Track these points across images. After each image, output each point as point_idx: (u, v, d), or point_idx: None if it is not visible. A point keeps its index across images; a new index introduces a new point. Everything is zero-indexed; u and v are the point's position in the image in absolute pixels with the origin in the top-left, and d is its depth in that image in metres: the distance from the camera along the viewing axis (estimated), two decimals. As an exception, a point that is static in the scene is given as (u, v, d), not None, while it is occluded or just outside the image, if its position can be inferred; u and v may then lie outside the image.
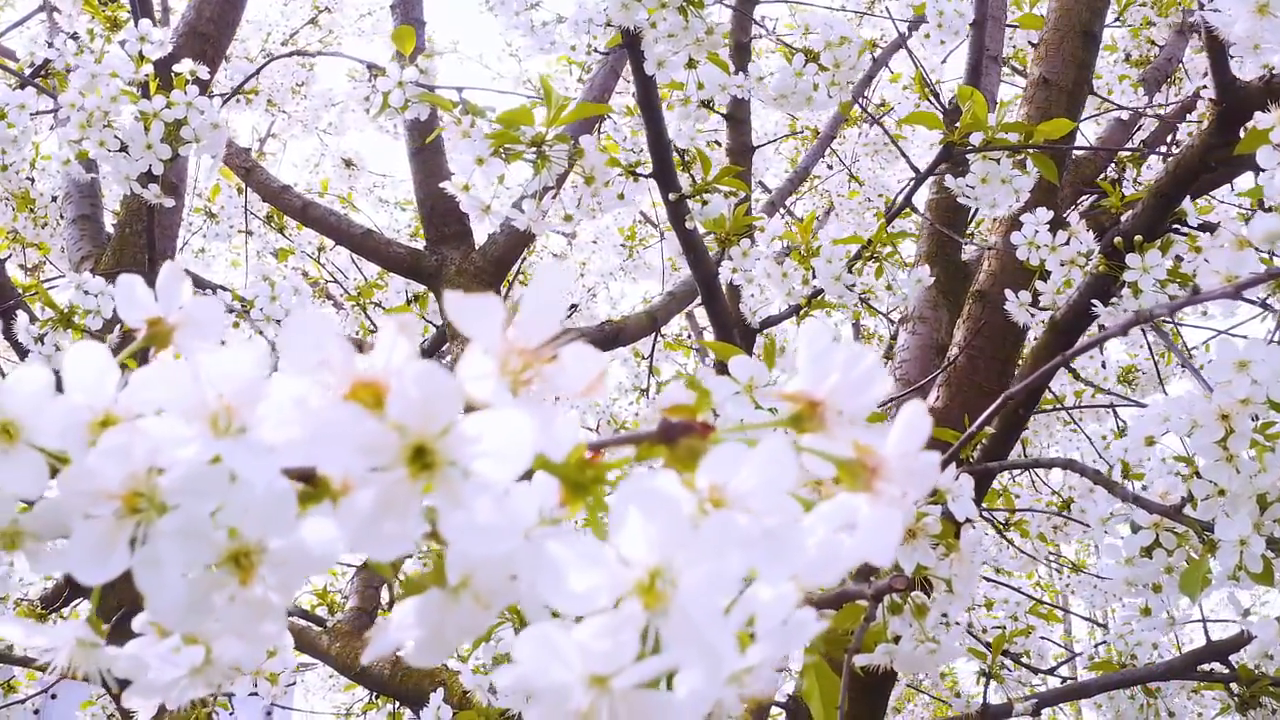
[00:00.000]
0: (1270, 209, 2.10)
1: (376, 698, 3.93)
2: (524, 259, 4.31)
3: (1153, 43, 3.10)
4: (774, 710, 2.34)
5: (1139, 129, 2.91)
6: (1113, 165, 2.75)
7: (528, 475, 0.36)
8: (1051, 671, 2.97)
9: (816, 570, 0.36)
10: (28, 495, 0.42)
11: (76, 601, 3.06)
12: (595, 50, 2.45)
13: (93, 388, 0.42)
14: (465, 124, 1.46)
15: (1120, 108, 2.62)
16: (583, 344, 0.35)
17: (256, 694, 1.44)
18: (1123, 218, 1.68)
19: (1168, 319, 2.28)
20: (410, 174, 3.40)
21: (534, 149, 1.47)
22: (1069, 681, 2.77)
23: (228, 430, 0.37)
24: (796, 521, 0.35)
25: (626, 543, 0.32)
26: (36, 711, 3.56)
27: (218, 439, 0.37)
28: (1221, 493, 1.25)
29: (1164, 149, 2.76)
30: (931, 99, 2.59)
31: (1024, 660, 2.72)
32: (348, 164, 5.08)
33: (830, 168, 4.81)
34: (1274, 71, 1.43)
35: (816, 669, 0.97)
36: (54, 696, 3.32)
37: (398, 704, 3.50)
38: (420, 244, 3.41)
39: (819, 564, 0.36)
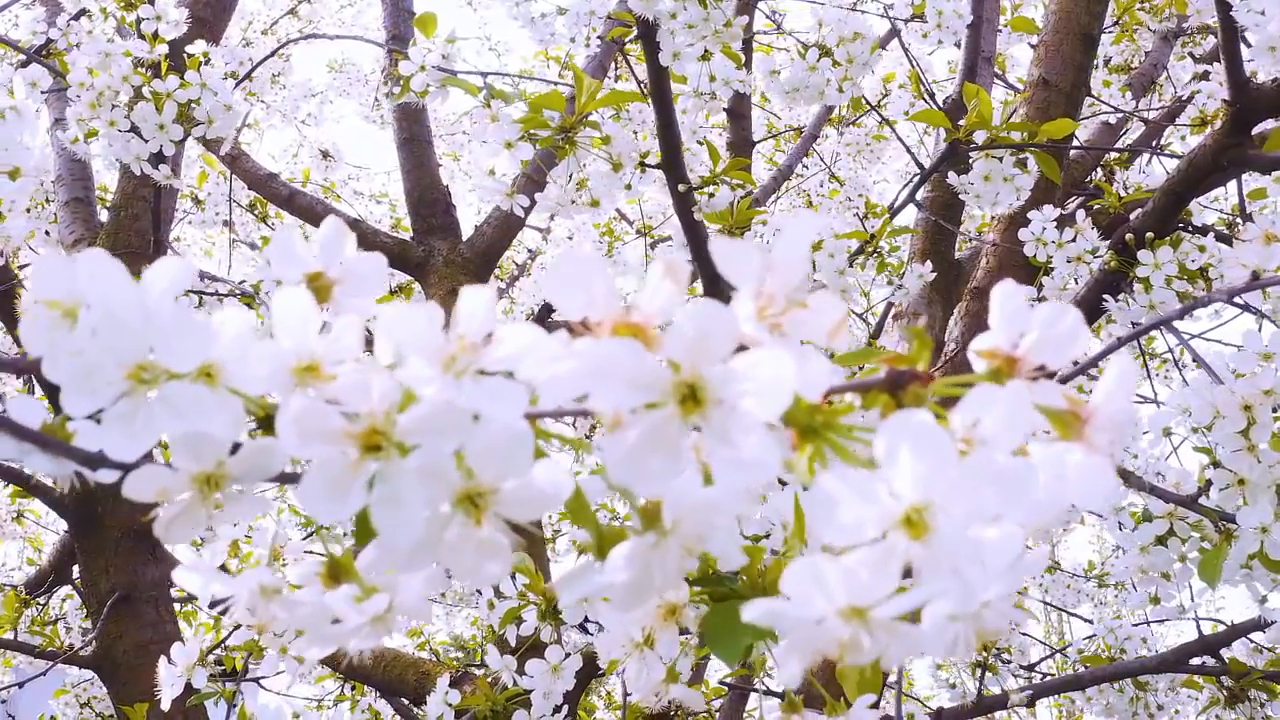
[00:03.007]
0: (1251, 215, 2.14)
1: (351, 690, 3.92)
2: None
3: (1136, 45, 3.15)
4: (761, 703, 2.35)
5: (1125, 132, 2.95)
6: (1099, 168, 2.79)
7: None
8: (1032, 668, 3.01)
9: (1041, 512, 0.37)
10: (225, 438, 0.42)
11: (58, 588, 3.05)
12: (602, 39, 2.45)
13: (298, 333, 0.42)
14: (495, 108, 1.46)
15: (1116, 110, 2.66)
16: (828, 293, 0.36)
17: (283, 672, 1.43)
18: (1132, 215, 1.71)
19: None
20: (398, 164, 3.39)
21: (562, 134, 1.48)
22: (1048, 677, 2.81)
23: (463, 372, 0.38)
24: (1031, 465, 0.36)
25: (897, 477, 0.33)
26: (3, 701, 3.53)
27: (456, 380, 0.37)
28: (1241, 482, 1.28)
29: (1149, 152, 2.80)
30: (927, 98, 2.62)
31: (1004, 656, 2.76)
32: (325, 155, 5.05)
33: (806, 167, 4.84)
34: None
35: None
36: (20, 686, 3.30)
37: (377, 694, 3.49)
38: (404, 235, 3.41)
39: (1044, 506, 0.37)
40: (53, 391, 0.42)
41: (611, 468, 0.34)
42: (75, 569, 2.93)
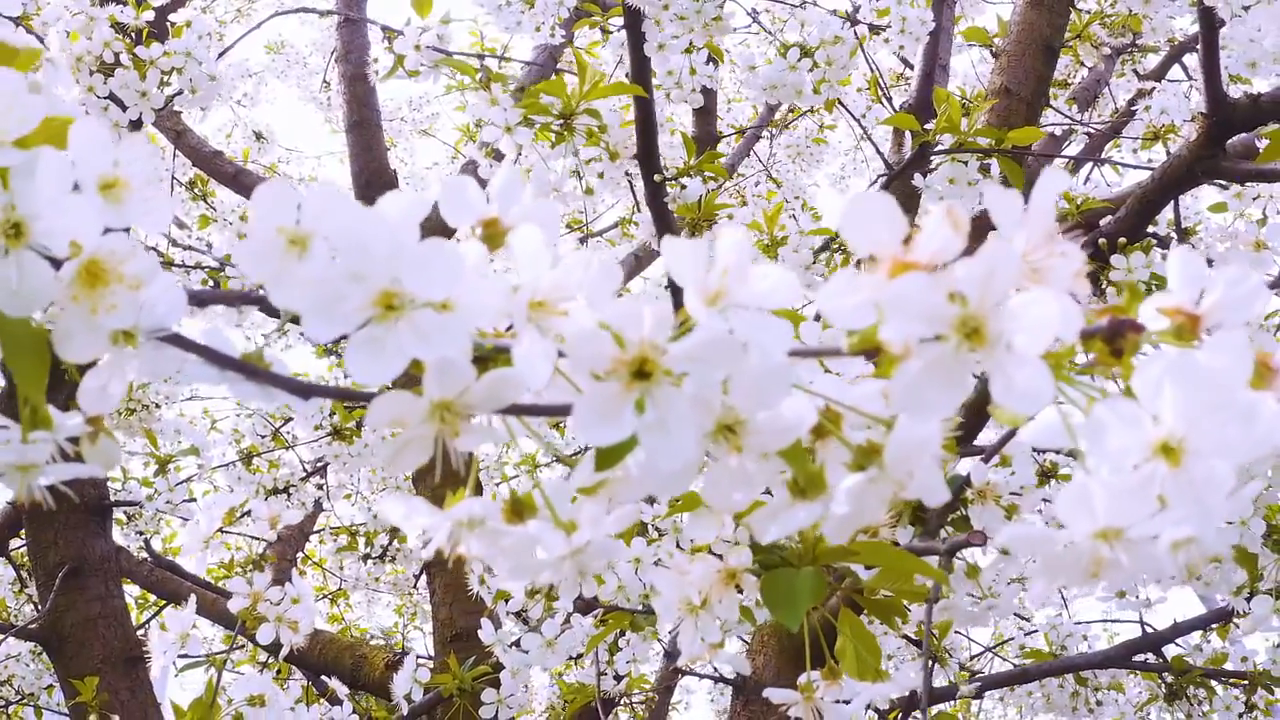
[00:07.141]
0: (1187, 230, 2.22)
1: (277, 673, 3.89)
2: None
3: (1078, 61, 3.24)
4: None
5: (1069, 143, 3.04)
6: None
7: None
8: (963, 666, 3.08)
9: (1258, 449, 0.40)
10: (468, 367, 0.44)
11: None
12: (566, 31, 2.47)
13: (532, 268, 0.44)
14: (494, 91, 1.48)
15: (1071, 120, 2.75)
16: (1069, 243, 0.39)
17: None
18: (1103, 221, 1.77)
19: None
20: (346, 147, 3.38)
21: (562, 120, 1.50)
22: (979, 675, 2.89)
23: (725, 307, 0.40)
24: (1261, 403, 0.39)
25: (1161, 407, 0.36)
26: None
27: (719, 313, 0.40)
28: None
29: (1095, 162, 2.89)
30: (885, 101, 2.67)
31: (948, 651, 2.83)
32: (259, 137, 5.00)
33: (742, 171, 4.88)
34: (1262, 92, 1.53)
35: (852, 624, 1.02)
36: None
37: (308, 678, 3.47)
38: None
39: (1259, 445, 0.40)
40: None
41: (895, 396, 0.37)
42: (12, 542, 2.88)
